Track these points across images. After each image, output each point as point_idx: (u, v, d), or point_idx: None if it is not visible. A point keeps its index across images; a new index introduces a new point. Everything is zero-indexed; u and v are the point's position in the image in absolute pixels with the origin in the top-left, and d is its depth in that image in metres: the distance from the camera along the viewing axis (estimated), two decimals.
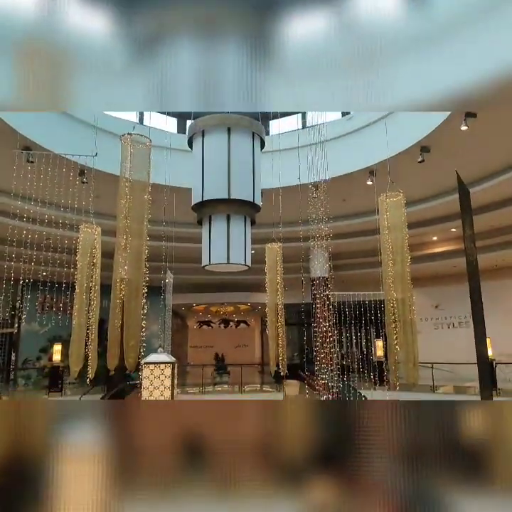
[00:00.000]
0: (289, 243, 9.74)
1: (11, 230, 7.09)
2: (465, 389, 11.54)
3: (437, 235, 13.01)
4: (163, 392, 4.73)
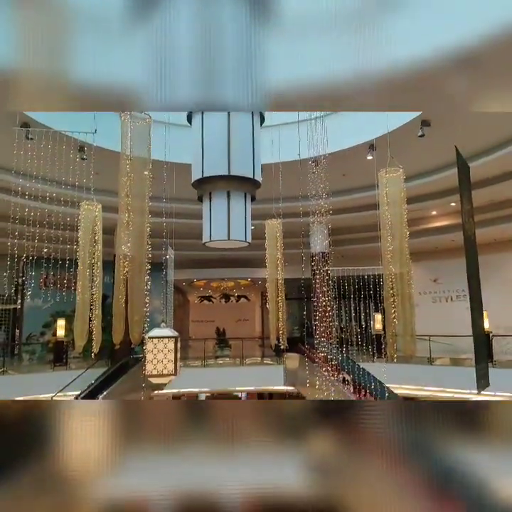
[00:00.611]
0: (288, 219, 9.79)
1: (13, 208, 7.14)
2: (461, 361, 11.79)
3: (437, 210, 13.04)
4: (166, 366, 4.85)
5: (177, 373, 4.92)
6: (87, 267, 7.09)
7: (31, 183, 7.53)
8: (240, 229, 5.19)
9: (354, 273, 12.17)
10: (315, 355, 10.53)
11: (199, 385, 14.17)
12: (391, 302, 6.60)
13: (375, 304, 13.26)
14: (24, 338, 15.06)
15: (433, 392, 11.87)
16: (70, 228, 8.01)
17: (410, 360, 10.01)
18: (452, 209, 12.46)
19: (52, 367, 11.96)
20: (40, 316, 15.18)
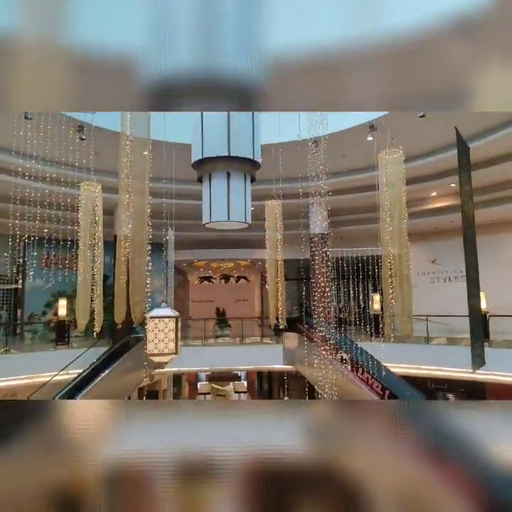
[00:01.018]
0: (288, 200, 9.80)
1: (13, 188, 7.16)
2: (458, 340, 11.94)
3: (436, 191, 13.03)
4: (167, 345, 4.94)
5: (178, 352, 5.02)
6: (87, 248, 7.14)
7: (31, 163, 7.53)
8: (240, 210, 5.25)
9: (353, 254, 12.24)
10: (313, 334, 10.68)
11: (199, 364, 14.36)
12: (389, 283, 6.68)
13: (373, 285, 13.37)
14: (26, 317, 15.20)
15: (430, 370, 12.07)
16: (70, 209, 8.05)
17: (407, 340, 10.16)
18: (452, 190, 12.45)
19: (54, 346, 12.11)
20: (42, 295, 15.30)
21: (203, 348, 13.88)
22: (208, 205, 5.09)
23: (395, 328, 7.46)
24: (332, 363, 9.82)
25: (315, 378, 9.97)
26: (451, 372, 11.35)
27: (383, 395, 10.09)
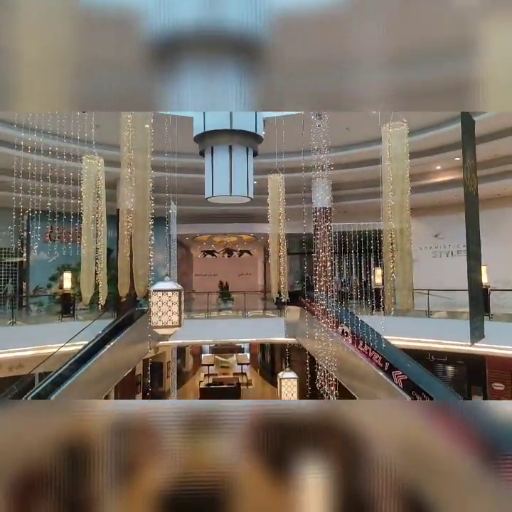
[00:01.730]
0: (291, 173, 9.75)
1: (16, 161, 7.15)
2: (459, 314, 12.05)
3: (441, 164, 12.91)
4: (171, 318, 5.01)
5: (181, 325, 5.10)
6: (91, 222, 7.16)
7: (33, 136, 7.49)
8: (242, 184, 5.25)
9: (355, 228, 12.24)
10: (315, 308, 10.80)
11: (203, 337, 14.59)
12: (390, 257, 6.70)
13: (375, 259, 13.42)
14: (31, 290, 15.38)
15: (430, 343, 12.23)
16: (73, 182, 8.05)
17: (408, 313, 10.26)
18: (456, 164, 12.33)
19: (60, 318, 12.29)
20: (46, 269, 15.44)
21: (206, 320, 14.07)
22: (210, 180, 5.10)
23: (395, 301, 7.54)
24: (333, 335, 9.96)
25: (316, 350, 10.13)
26: (451, 345, 11.51)
27: (383, 367, 10.26)
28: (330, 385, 9.23)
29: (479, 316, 7.01)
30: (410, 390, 9.78)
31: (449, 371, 15.21)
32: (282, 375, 8.38)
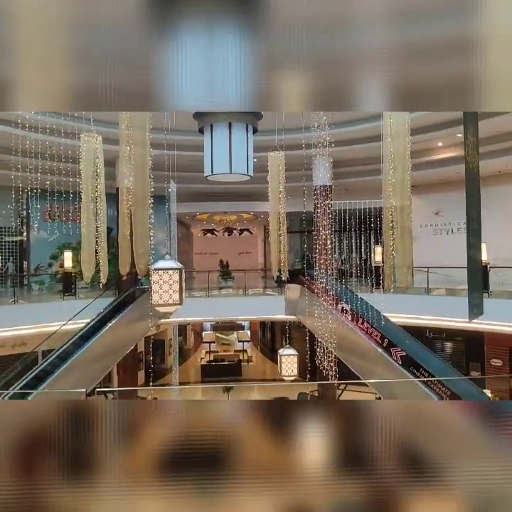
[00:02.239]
0: (291, 151, 9.67)
1: (14, 140, 7.09)
2: (458, 291, 12.12)
3: (442, 141, 12.79)
4: (172, 296, 5.04)
5: (182, 303, 5.14)
6: (90, 200, 7.15)
7: (30, 114, 7.40)
8: (242, 162, 5.21)
9: (355, 206, 12.21)
10: (315, 286, 10.86)
11: (204, 314, 14.72)
12: (390, 235, 6.71)
13: (375, 237, 13.42)
14: (32, 269, 15.44)
15: (429, 320, 12.34)
16: (71, 161, 8.00)
17: (407, 291, 10.32)
18: (458, 140, 12.20)
19: (61, 296, 12.37)
20: (47, 247, 15.47)
21: (207, 299, 14.16)
22: (209, 158, 5.06)
23: (395, 279, 7.58)
24: (332, 313, 10.05)
25: (316, 328, 10.24)
26: (450, 322, 11.61)
27: (382, 344, 10.38)
28: (329, 361, 9.35)
29: (478, 293, 7.05)
30: (409, 366, 9.92)
31: (447, 348, 15.39)
32: (282, 351, 8.49)
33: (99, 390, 11.69)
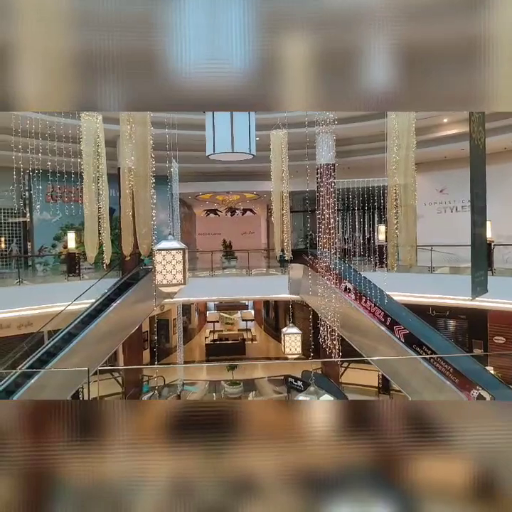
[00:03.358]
0: (294, 129, 9.56)
1: (14, 119, 7.03)
2: (462, 269, 12.10)
3: (448, 117, 12.60)
4: (175, 276, 5.05)
5: (186, 283, 5.15)
6: (92, 181, 7.12)
7: None
8: (244, 141, 5.16)
9: (359, 185, 12.11)
10: (318, 265, 10.87)
11: (207, 294, 14.80)
12: (394, 213, 6.68)
13: (379, 216, 13.35)
14: (36, 250, 15.48)
15: (432, 299, 12.37)
16: (72, 141, 7.94)
17: (411, 269, 10.31)
18: (464, 116, 12.01)
19: (66, 277, 12.42)
20: (50, 228, 15.48)
21: (210, 279, 14.21)
22: (211, 136, 5.01)
23: (398, 258, 7.56)
24: (336, 292, 10.08)
25: (319, 307, 10.28)
26: (454, 300, 11.63)
27: (385, 322, 10.43)
28: (333, 339, 9.42)
29: (482, 272, 7.04)
30: (411, 343, 9.98)
31: (450, 325, 15.45)
32: (286, 330, 8.54)
33: (101, 369, 11.83)
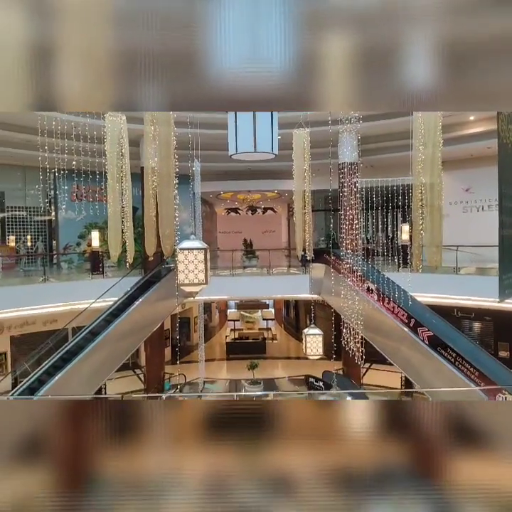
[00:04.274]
0: (317, 127, 9.47)
1: (40, 121, 7.15)
2: (488, 270, 11.81)
3: (474, 115, 12.31)
4: (197, 275, 5.07)
5: (207, 282, 5.16)
6: (116, 180, 7.19)
7: None
8: (267, 140, 5.13)
9: (383, 184, 11.93)
10: (340, 265, 10.76)
11: (228, 293, 14.82)
12: (419, 214, 6.55)
13: (402, 215, 13.14)
14: (61, 248, 15.77)
15: (457, 300, 12.11)
16: (97, 141, 8.04)
17: (436, 270, 10.11)
18: (491, 114, 11.69)
19: (90, 275, 12.61)
20: (75, 227, 15.75)
21: (231, 278, 14.22)
22: (233, 136, 4.99)
23: (423, 258, 7.41)
24: (358, 292, 9.96)
25: (341, 307, 10.18)
26: (479, 301, 11.37)
27: (408, 324, 10.27)
28: (356, 342, 9.31)
29: (511, 273, 6.85)
30: (436, 346, 9.80)
31: (475, 327, 15.12)
32: (307, 331, 8.49)
33: None
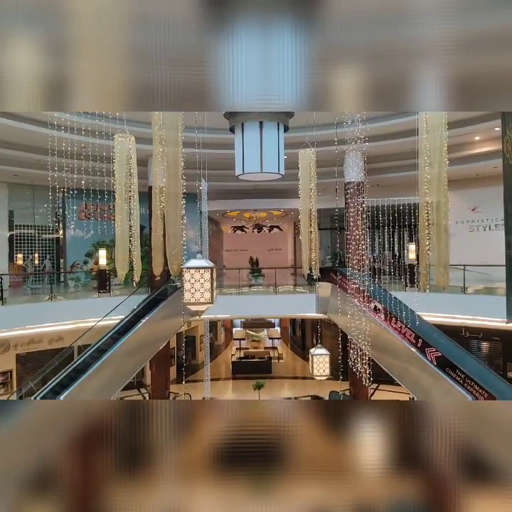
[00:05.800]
0: (323, 147, 9.56)
1: (50, 141, 7.27)
2: (495, 290, 11.73)
3: (480, 135, 12.38)
4: (203, 294, 5.05)
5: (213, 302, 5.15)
6: (124, 200, 7.25)
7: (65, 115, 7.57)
8: (273, 161, 5.17)
9: (389, 203, 11.96)
10: (347, 284, 10.72)
11: (234, 312, 14.77)
12: (426, 234, 6.53)
13: (409, 234, 13.12)
14: (68, 266, 15.86)
15: (464, 320, 12.00)
16: (106, 161, 8.15)
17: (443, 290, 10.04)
18: (497, 134, 11.78)
19: (96, 293, 12.65)
20: (82, 245, 15.87)
21: (237, 296, 14.20)
22: (240, 157, 5.04)
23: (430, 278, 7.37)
24: (365, 312, 9.90)
25: (348, 327, 10.11)
26: (487, 321, 11.26)
27: (416, 344, 10.16)
28: (363, 363, 9.20)
29: None
30: (444, 367, 9.67)
31: (483, 347, 14.94)
32: (314, 351, 8.41)
33: None
